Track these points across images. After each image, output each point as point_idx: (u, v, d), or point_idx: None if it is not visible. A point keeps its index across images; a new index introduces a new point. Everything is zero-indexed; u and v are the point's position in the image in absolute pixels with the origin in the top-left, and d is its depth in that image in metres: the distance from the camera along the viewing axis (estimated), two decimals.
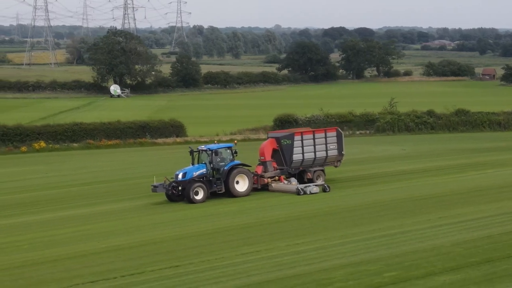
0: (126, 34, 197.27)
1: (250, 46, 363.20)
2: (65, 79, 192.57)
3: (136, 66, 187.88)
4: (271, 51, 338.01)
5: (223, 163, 47.36)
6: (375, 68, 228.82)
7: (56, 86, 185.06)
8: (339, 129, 52.98)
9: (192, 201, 45.68)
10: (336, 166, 52.43)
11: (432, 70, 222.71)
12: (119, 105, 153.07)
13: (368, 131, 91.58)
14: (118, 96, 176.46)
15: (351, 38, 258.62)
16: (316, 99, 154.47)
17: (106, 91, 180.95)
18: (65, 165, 71.21)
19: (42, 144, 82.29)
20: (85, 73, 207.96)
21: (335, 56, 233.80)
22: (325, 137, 51.01)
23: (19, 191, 55.55)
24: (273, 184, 48.71)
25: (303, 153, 49.92)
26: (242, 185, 47.36)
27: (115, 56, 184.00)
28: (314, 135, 50.65)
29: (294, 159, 49.67)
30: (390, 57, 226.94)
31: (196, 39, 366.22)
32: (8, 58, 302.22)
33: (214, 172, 47.19)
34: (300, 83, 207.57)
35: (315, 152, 50.41)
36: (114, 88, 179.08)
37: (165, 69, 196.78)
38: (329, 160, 51.37)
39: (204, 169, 46.98)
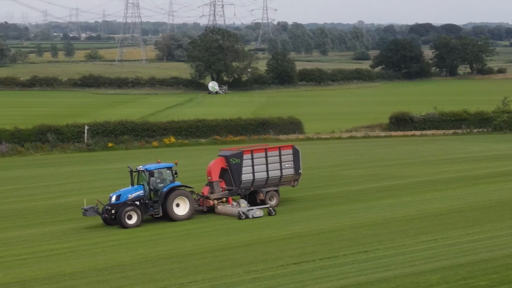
0: (223, 32, 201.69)
1: (337, 43, 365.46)
2: (160, 76, 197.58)
3: (233, 63, 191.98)
4: (358, 47, 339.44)
5: (162, 185, 44.52)
6: (468, 66, 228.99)
7: (155, 83, 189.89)
8: (295, 146, 49.17)
9: (124, 226, 42.83)
10: (293, 186, 49.03)
11: None
12: (220, 102, 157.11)
13: (485, 129, 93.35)
14: (216, 92, 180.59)
15: (443, 35, 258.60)
16: (417, 96, 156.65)
17: (204, 87, 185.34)
18: (202, 159, 74.98)
19: (172, 139, 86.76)
20: (177, 69, 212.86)
21: (426, 53, 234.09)
22: (280, 155, 47.59)
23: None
24: (218, 207, 45.73)
25: (253, 173, 46.74)
26: (183, 208, 44.38)
27: (213, 54, 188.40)
28: (266, 153, 47.27)
29: (243, 179, 46.48)
30: (484, 54, 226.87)
31: (281, 35, 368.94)
32: (100, 55, 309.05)
33: (152, 194, 44.31)
34: (394, 80, 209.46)
35: (267, 171, 47.14)
36: (212, 85, 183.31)
37: (259, 66, 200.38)
38: (284, 180, 48.00)
39: (142, 191, 44.03)
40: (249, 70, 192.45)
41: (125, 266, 34.75)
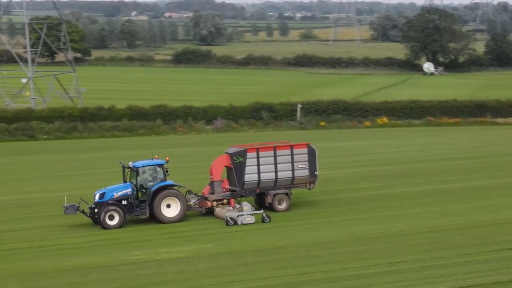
0: (440, 12, 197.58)
1: None
2: (374, 56, 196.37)
3: (450, 44, 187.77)
4: None
5: (152, 183, 40.90)
6: None
7: (369, 63, 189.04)
8: (311, 145, 43.66)
9: (104, 227, 39.56)
10: (309, 189, 43.80)
11: None
12: (435, 83, 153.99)
13: None
14: (431, 74, 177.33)
15: None
16: None
17: (418, 68, 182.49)
18: (414, 141, 73.95)
19: (385, 119, 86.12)
20: (392, 50, 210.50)
21: None
22: (292, 155, 42.75)
23: (386, 164, 58.84)
24: (217, 209, 41.57)
25: (259, 173, 42.28)
26: (174, 209, 40.46)
27: (428, 34, 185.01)
28: (275, 152, 42.57)
29: (246, 179, 42.12)
30: None
31: (501, 16, 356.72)
32: (314, 34, 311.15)
33: (140, 193, 40.79)
34: None
35: (276, 172, 42.48)
36: (428, 66, 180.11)
37: (477, 47, 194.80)
38: (297, 182, 42.96)
39: (130, 189, 40.57)
40: (470, 52, 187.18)
41: (334, 243, 34.82)
